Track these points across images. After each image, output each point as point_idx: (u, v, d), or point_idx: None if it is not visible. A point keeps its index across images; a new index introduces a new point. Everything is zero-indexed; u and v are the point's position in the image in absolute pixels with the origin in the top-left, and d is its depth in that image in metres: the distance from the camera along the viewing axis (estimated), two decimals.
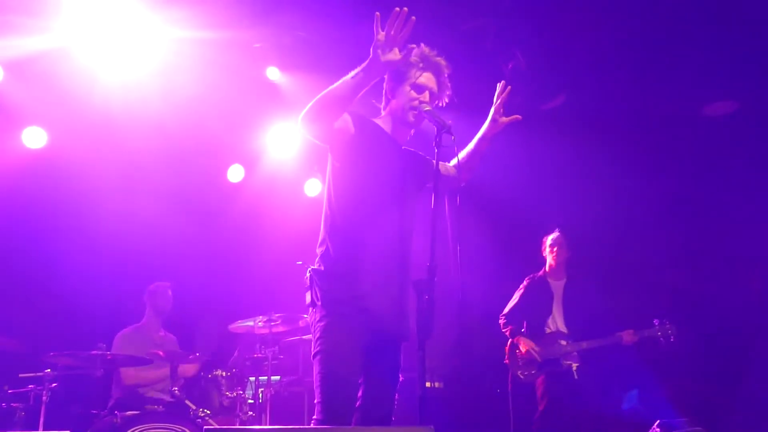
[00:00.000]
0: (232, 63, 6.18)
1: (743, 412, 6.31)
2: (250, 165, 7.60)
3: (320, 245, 3.20)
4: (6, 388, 5.34)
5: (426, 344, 2.82)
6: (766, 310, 6.66)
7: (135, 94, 6.03)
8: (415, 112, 3.23)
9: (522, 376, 6.09)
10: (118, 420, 4.74)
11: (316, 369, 3.04)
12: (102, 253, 6.62)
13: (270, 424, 5.46)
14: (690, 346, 6.45)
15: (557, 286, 6.28)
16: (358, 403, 3.10)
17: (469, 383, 7.25)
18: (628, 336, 5.93)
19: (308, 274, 3.17)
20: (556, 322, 6.17)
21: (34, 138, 6.43)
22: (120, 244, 6.72)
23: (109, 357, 5.12)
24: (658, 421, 5.48)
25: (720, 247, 6.86)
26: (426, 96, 3.26)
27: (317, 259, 3.18)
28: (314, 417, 3.01)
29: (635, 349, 6.07)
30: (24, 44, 5.51)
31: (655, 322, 5.93)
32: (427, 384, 6.71)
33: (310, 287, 3.15)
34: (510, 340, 6.21)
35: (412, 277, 3.09)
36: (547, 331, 6.15)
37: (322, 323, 3.06)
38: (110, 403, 5.64)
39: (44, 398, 5.02)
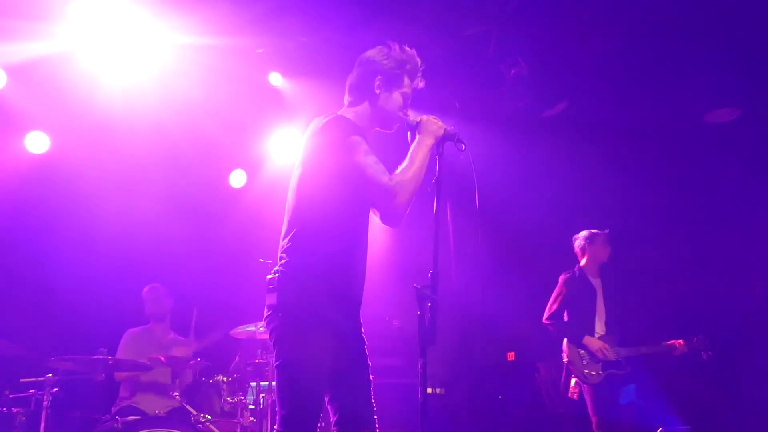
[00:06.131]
0: (235, 69, 6.19)
1: (744, 419, 6.30)
2: (252, 170, 7.60)
3: (286, 250, 3.06)
4: (7, 392, 5.34)
5: (428, 351, 2.81)
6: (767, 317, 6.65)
7: (137, 99, 6.04)
8: (402, 121, 3.22)
9: (588, 377, 5.78)
10: (119, 425, 4.74)
11: (279, 378, 2.92)
12: (104, 257, 6.62)
13: (271, 430, 5.44)
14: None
15: (597, 283, 6.10)
16: (335, 418, 3.00)
17: (471, 389, 7.24)
18: (680, 347, 5.90)
19: (274, 276, 3.02)
20: (602, 320, 5.97)
21: (36, 143, 6.45)
22: (122, 249, 6.73)
23: (110, 362, 5.12)
24: (660, 429, 5.47)
25: (721, 254, 6.85)
26: (407, 105, 3.28)
27: (284, 263, 3.04)
28: (275, 428, 2.90)
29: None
30: (27, 49, 5.52)
31: (695, 338, 5.92)
32: (429, 390, 6.70)
33: (276, 290, 2.98)
34: (566, 340, 5.94)
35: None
36: (596, 333, 5.92)
37: (290, 330, 2.92)
38: (114, 408, 5.65)
39: (45, 403, 5.02)
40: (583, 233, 6.25)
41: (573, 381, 5.95)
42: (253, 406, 5.71)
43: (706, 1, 5.56)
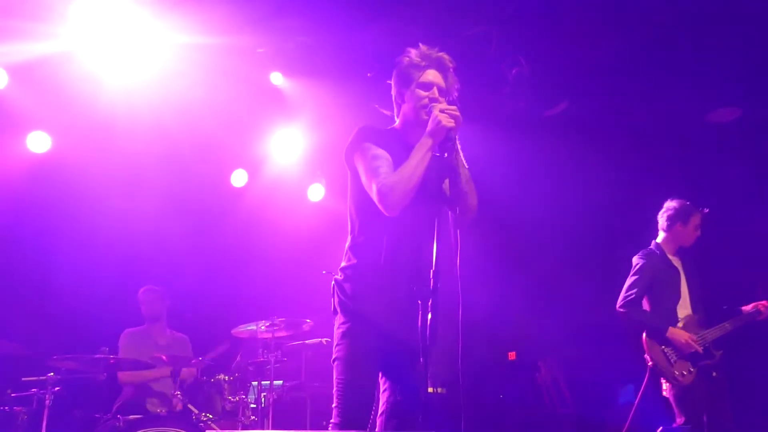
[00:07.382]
0: (236, 68, 6.20)
1: (743, 419, 6.29)
2: (253, 170, 7.61)
3: (343, 256, 3.30)
4: (9, 391, 5.37)
5: (429, 350, 2.83)
6: None
7: (139, 99, 6.05)
8: (426, 110, 3.17)
9: (681, 378, 5.04)
10: (121, 424, 4.76)
11: (334, 374, 3.15)
12: (106, 256, 6.64)
13: (272, 429, 5.46)
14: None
15: (677, 262, 5.39)
16: (382, 409, 3.17)
17: (471, 389, 7.24)
18: (765, 309, 5.27)
19: (332, 283, 3.29)
20: (687, 305, 5.27)
21: (38, 142, 6.45)
22: (123, 248, 6.75)
23: (112, 361, 5.14)
24: (661, 428, 5.47)
25: (721, 254, 6.85)
26: (434, 92, 3.23)
27: (339, 269, 3.28)
28: (331, 421, 3.10)
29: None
30: (28, 49, 5.53)
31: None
32: (430, 389, 6.70)
33: (332, 295, 3.26)
34: (644, 333, 5.17)
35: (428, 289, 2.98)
36: (680, 317, 5.21)
37: (339, 330, 3.18)
38: (115, 407, 5.66)
39: (47, 402, 5.04)
40: (674, 203, 5.47)
41: (665, 384, 5.23)
42: (254, 405, 5.73)
43: (705, 2, 5.56)
